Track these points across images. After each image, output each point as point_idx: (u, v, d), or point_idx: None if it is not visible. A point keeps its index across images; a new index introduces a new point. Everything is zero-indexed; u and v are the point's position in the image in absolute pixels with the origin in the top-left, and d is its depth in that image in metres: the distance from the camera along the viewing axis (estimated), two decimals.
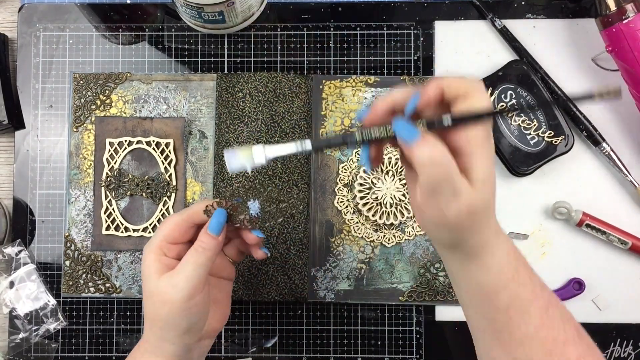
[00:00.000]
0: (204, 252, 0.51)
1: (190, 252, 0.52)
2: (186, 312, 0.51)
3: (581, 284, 0.67)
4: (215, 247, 0.52)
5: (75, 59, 0.70)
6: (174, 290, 0.50)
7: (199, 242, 0.52)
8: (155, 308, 0.51)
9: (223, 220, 0.53)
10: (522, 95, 0.66)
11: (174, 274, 0.51)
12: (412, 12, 0.70)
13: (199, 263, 0.51)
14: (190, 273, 0.51)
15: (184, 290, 0.50)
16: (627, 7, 0.61)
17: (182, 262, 0.51)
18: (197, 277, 0.51)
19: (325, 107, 0.69)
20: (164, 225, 0.53)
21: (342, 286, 0.68)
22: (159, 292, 0.51)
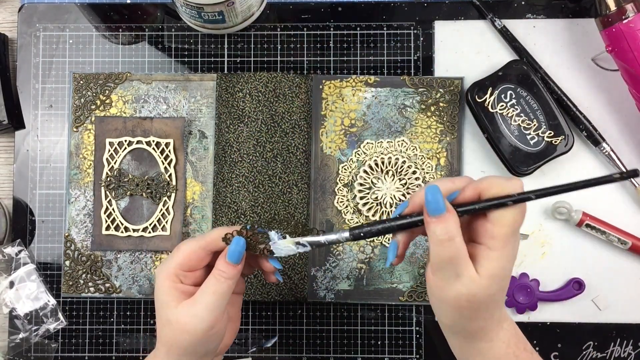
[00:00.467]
0: (225, 282, 0.50)
1: (210, 280, 0.50)
2: (206, 339, 0.50)
3: (581, 284, 0.67)
4: (236, 276, 0.51)
5: (75, 59, 0.70)
6: (195, 320, 0.49)
7: (218, 270, 0.50)
8: (175, 335, 0.50)
9: (242, 250, 0.51)
10: (522, 95, 0.66)
11: (194, 303, 0.50)
12: (412, 12, 0.70)
13: (220, 292, 0.50)
14: (211, 303, 0.49)
15: (206, 322, 0.49)
16: (627, 7, 0.61)
17: (202, 291, 0.50)
18: (219, 306, 0.50)
19: (325, 107, 0.69)
20: (179, 252, 0.51)
21: (342, 286, 0.68)
22: (179, 321, 0.49)
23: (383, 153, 0.68)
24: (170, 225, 0.68)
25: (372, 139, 0.69)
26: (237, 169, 0.67)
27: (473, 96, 0.66)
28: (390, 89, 0.69)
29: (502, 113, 0.66)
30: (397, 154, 0.68)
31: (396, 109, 0.69)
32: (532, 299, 0.66)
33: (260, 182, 0.67)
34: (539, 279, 0.67)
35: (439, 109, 0.69)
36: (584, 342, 0.67)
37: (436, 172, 0.68)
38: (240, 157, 0.67)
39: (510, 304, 0.67)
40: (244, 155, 0.67)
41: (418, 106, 0.69)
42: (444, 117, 0.68)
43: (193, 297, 0.50)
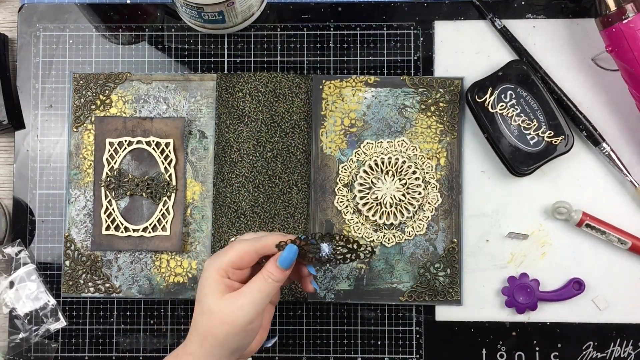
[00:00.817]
0: (272, 283, 0.53)
1: (259, 279, 0.53)
2: (243, 334, 0.53)
3: (581, 284, 0.67)
4: (282, 280, 0.54)
5: (75, 59, 0.70)
6: (238, 312, 0.52)
7: (268, 272, 0.54)
8: (213, 325, 0.52)
9: (294, 257, 0.54)
10: (522, 95, 0.66)
11: (240, 296, 0.53)
12: (412, 12, 0.70)
13: (266, 292, 0.53)
14: (256, 299, 0.53)
15: (248, 315, 0.52)
16: (627, 7, 0.61)
17: (249, 287, 0.53)
18: (262, 304, 0.53)
19: (325, 107, 0.69)
20: (233, 250, 0.54)
21: (342, 286, 0.68)
22: (221, 311, 0.52)
23: (383, 153, 0.68)
24: (170, 225, 0.68)
25: (372, 139, 0.69)
26: (237, 169, 0.67)
27: (473, 96, 0.66)
28: (390, 89, 0.69)
29: (502, 113, 0.66)
30: (397, 154, 0.68)
31: (396, 109, 0.69)
32: (532, 299, 0.66)
33: (260, 182, 0.67)
34: (539, 279, 0.67)
35: (439, 109, 0.69)
36: (584, 342, 0.67)
37: (436, 172, 0.68)
38: (240, 157, 0.67)
39: (510, 304, 0.67)
40: (244, 155, 0.67)
41: (418, 106, 0.69)
42: (444, 117, 0.68)
43: (239, 291, 0.53)
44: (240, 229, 0.66)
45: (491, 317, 0.68)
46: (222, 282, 0.53)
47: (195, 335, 0.53)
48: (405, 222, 0.68)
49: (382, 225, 0.68)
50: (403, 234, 0.68)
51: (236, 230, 0.67)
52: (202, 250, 0.68)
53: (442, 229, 0.68)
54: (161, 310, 0.68)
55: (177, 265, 0.68)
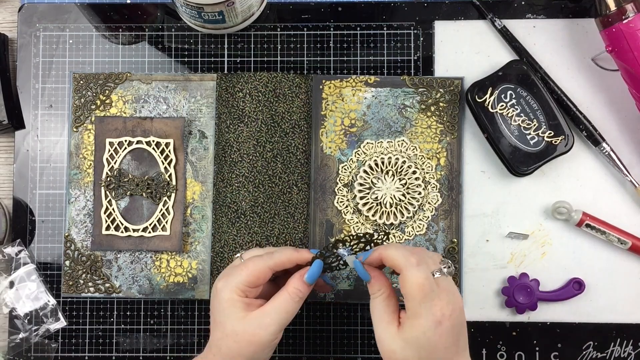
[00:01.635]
0: (299, 300, 0.54)
1: (285, 297, 0.53)
2: (267, 350, 0.53)
3: (581, 284, 0.67)
4: (307, 295, 0.55)
5: (75, 59, 0.70)
6: (264, 332, 0.52)
7: (295, 290, 0.54)
8: (240, 347, 0.52)
9: (319, 271, 0.54)
10: (522, 95, 0.66)
11: (265, 316, 0.53)
12: (412, 12, 0.70)
13: (292, 310, 0.53)
14: (282, 318, 0.53)
15: (273, 334, 0.53)
16: (627, 7, 0.61)
17: (274, 306, 0.53)
18: (287, 321, 0.53)
19: (325, 107, 0.69)
20: (247, 270, 0.54)
21: (342, 286, 0.68)
22: (247, 332, 0.52)
23: (383, 153, 0.68)
24: (170, 225, 0.68)
25: (372, 139, 0.69)
26: (237, 169, 0.67)
27: (473, 96, 0.66)
28: (390, 89, 0.69)
29: (502, 113, 0.66)
30: (397, 154, 0.68)
31: (396, 109, 0.69)
32: (532, 299, 0.66)
33: (260, 182, 0.67)
34: (539, 279, 0.67)
35: (439, 109, 0.69)
36: (584, 342, 0.67)
37: (436, 172, 0.68)
38: (240, 157, 0.67)
39: (510, 304, 0.67)
40: (244, 155, 0.67)
41: (418, 106, 0.69)
42: (444, 117, 0.68)
43: (263, 309, 0.53)
44: (240, 229, 0.66)
45: (491, 317, 0.68)
46: (241, 301, 0.53)
47: (218, 356, 0.53)
48: (405, 222, 0.68)
49: (382, 225, 0.68)
50: (403, 234, 0.68)
51: (236, 230, 0.67)
52: (202, 250, 0.68)
53: (442, 229, 0.68)
54: (161, 310, 0.68)
55: (177, 265, 0.68)
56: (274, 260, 0.54)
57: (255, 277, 0.54)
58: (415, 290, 0.49)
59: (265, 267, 0.54)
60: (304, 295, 0.54)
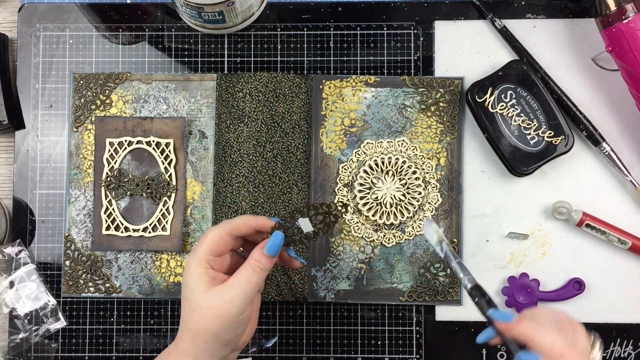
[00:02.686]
0: (261, 272, 0.53)
1: (246, 268, 0.53)
2: (235, 325, 0.52)
3: (581, 284, 0.67)
4: (269, 267, 0.54)
5: (75, 59, 0.70)
6: (228, 305, 0.51)
7: (255, 261, 0.53)
8: (205, 321, 0.52)
9: (281, 243, 0.54)
10: (522, 95, 0.66)
11: (228, 288, 0.52)
12: (412, 12, 0.70)
13: (254, 282, 0.52)
14: (245, 290, 0.52)
15: (238, 307, 0.52)
16: (627, 7, 0.61)
17: (237, 278, 0.52)
18: (251, 294, 0.52)
19: (325, 107, 0.69)
20: (207, 238, 0.54)
21: (342, 286, 0.68)
22: (211, 306, 0.51)
23: (383, 153, 0.68)
24: (170, 225, 0.68)
25: (372, 139, 0.69)
26: (237, 169, 0.67)
27: (473, 96, 0.66)
28: (390, 89, 0.69)
29: (502, 113, 0.66)
30: (397, 154, 0.68)
31: (396, 109, 0.69)
32: (532, 299, 0.66)
33: (260, 182, 0.67)
34: (539, 279, 0.67)
35: (439, 109, 0.69)
36: None
37: (436, 172, 0.68)
38: (240, 157, 0.67)
39: (510, 304, 0.67)
40: (244, 155, 0.67)
41: (418, 106, 0.69)
42: (444, 117, 0.68)
43: (226, 283, 0.52)
44: None
45: None
46: (206, 274, 0.53)
47: (186, 333, 0.53)
48: (405, 222, 0.68)
49: (382, 225, 0.68)
50: (403, 234, 0.68)
51: None
52: None
53: (442, 229, 0.68)
54: (161, 310, 0.68)
55: (177, 265, 0.68)
56: (230, 224, 0.54)
57: (215, 243, 0.53)
58: None
59: (223, 232, 0.54)
60: (265, 267, 0.53)
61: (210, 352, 0.53)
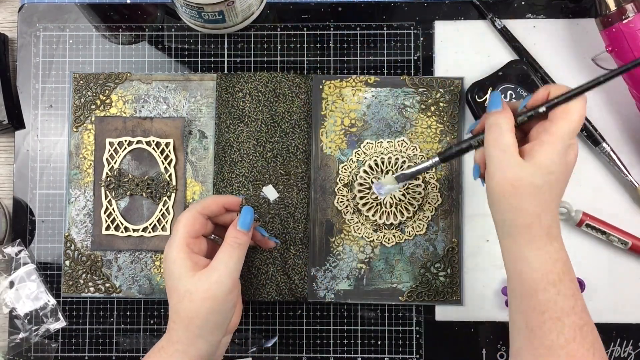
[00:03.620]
0: (239, 247, 0.55)
1: (226, 247, 0.55)
2: (225, 305, 0.54)
3: (581, 284, 0.67)
4: (247, 242, 0.56)
5: (75, 59, 0.70)
6: (216, 286, 0.53)
7: (232, 238, 0.55)
8: (197, 306, 0.53)
9: (252, 217, 0.56)
10: (522, 95, 0.66)
11: (213, 270, 0.53)
12: (412, 12, 0.70)
13: (236, 256, 0.54)
14: (229, 267, 0.54)
15: (226, 285, 0.53)
16: (627, 7, 0.61)
17: (219, 259, 0.54)
18: (236, 270, 0.54)
19: (325, 107, 0.69)
20: (182, 222, 0.55)
21: (342, 286, 0.68)
22: (199, 289, 0.53)
23: (383, 153, 0.68)
24: (170, 225, 0.68)
25: (372, 139, 0.69)
26: (237, 169, 0.67)
27: (473, 96, 0.66)
28: (390, 89, 0.69)
29: None
30: (397, 154, 0.68)
31: (396, 109, 0.69)
32: None
33: (260, 182, 0.67)
34: None
35: (439, 109, 0.69)
36: None
37: (436, 171, 0.68)
38: (240, 157, 0.67)
39: None
40: (244, 155, 0.67)
41: (418, 106, 0.69)
42: (444, 117, 0.68)
43: (210, 266, 0.54)
44: None
45: (491, 317, 0.68)
46: (189, 259, 0.54)
47: (178, 323, 0.53)
48: (405, 222, 0.68)
49: (382, 225, 0.68)
50: (403, 234, 0.68)
51: None
52: None
53: (442, 229, 0.68)
54: (161, 310, 0.68)
55: None
56: (200, 204, 0.56)
57: (190, 224, 0.55)
58: (576, 121, 0.50)
59: (195, 213, 0.56)
60: (242, 242, 0.55)
61: (203, 338, 0.53)
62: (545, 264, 0.50)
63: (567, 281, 0.50)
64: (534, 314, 0.50)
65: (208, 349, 0.54)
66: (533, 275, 0.50)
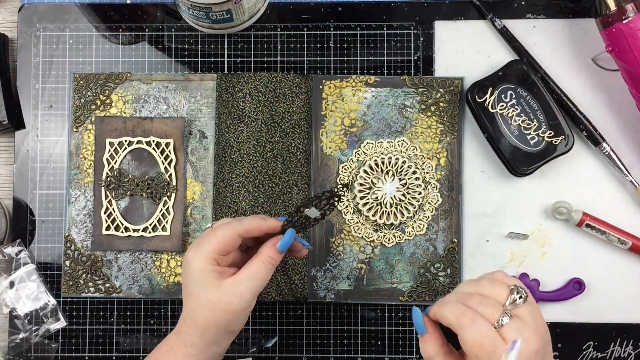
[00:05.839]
0: (271, 267, 0.54)
1: (258, 265, 0.54)
2: (243, 317, 0.54)
3: (581, 284, 0.67)
4: (279, 261, 0.55)
5: (75, 59, 0.70)
6: (239, 299, 0.52)
7: (268, 257, 0.54)
8: (216, 316, 0.52)
9: (292, 240, 0.55)
10: (522, 95, 0.66)
11: (239, 284, 0.53)
12: (412, 12, 0.70)
13: (265, 277, 0.54)
14: (256, 285, 0.53)
15: (249, 301, 0.53)
16: (627, 7, 0.61)
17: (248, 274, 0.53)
18: (261, 288, 0.54)
19: (325, 107, 0.69)
20: (216, 237, 0.53)
21: (342, 286, 0.68)
22: (222, 301, 0.52)
23: (383, 153, 0.68)
24: (170, 225, 0.68)
25: (372, 139, 0.69)
26: (237, 169, 0.67)
27: (473, 96, 0.66)
28: (390, 89, 0.69)
29: (502, 113, 0.66)
30: (397, 154, 0.68)
31: (396, 109, 0.69)
32: None
33: (260, 182, 0.67)
34: (539, 279, 0.67)
35: (439, 109, 0.69)
36: (584, 342, 0.67)
37: (436, 172, 0.68)
38: (240, 157, 0.67)
39: None
40: (244, 155, 0.67)
41: (418, 106, 0.69)
42: (444, 117, 0.68)
43: (236, 277, 0.53)
44: None
45: None
46: (214, 270, 0.53)
47: (193, 328, 0.53)
48: (405, 222, 0.68)
49: (382, 225, 0.68)
50: (403, 234, 0.68)
51: None
52: None
53: (442, 229, 0.68)
54: (161, 310, 0.68)
55: (177, 265, 0.68)
56: (242, 226, 0.54)
57: (224, 244, 0.53)
58: (476, 351, 0.45)
59: (234, 233, 0.54)
60: (276, 262, 0.55)
61: (218, 344, 0.54)
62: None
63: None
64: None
65: (220, 352, 0.55)
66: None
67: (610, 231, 0.66)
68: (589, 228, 0.67)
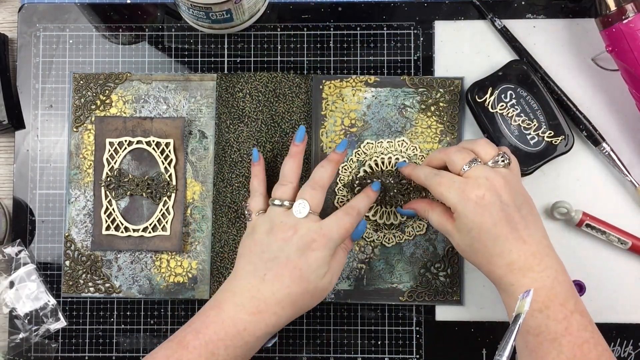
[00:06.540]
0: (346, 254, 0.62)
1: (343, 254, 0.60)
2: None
3: (582, 287, 0.67)
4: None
5: (75, 59, 0.70)
6: (330, 288, 0.59)
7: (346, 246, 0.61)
8: (312, 303, 0.58)
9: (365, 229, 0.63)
10: (522, 95, 0.66)
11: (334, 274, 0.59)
12: (412, 12, 0.70)
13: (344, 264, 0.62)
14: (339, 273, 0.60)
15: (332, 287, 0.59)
16: (627, 7, 0.61)
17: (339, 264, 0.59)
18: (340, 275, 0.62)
19: (325, 107, 0.69)
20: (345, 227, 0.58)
21: (342, 286, 0.68)
22: (324, 289, 0.58)
23: (383, 153, 0.68)
24: (170, 225, 0.68)
25: (372, 139, 0.69)
26: (237, 169, 0.67)
27: (473, 96, 0.66)
28: (390, 89, 0.69)
29: (502, 113, 0.66)
30: (397, 154, 0.68)
31: (396, 109, 0.69)
32: None
33: None
34: None
35: (439, 109, 0.69)
36: None
37: None
38: (240, 157, 0.67)
39: None
40: (244, 155, 0.67)
41: (418, 106, 0.69)
42: (444, 117, 0.68)
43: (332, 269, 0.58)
44: (240, 229, 0.66)
45: (491, 317, 0.68)
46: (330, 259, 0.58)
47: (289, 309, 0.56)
48: (405, 222, 0.68)
49: (382, 225, 0.68)
50: (403, 234, 0.68)
51: (236, 230, 0.67)
52: (202, 250, 0.68)
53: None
54: (161, 310, 0.68)
55: (177, 265, 0.68)
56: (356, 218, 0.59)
57: (348, 234, 0.59)
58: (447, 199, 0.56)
59: (355, 223, 0.59)
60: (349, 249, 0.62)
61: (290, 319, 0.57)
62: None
63: (557, 305, 0.52)
64: (529, 337, 0.52)
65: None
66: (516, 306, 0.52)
67: (610, 231, 0.66)
68: (589, 228, 0.67)
